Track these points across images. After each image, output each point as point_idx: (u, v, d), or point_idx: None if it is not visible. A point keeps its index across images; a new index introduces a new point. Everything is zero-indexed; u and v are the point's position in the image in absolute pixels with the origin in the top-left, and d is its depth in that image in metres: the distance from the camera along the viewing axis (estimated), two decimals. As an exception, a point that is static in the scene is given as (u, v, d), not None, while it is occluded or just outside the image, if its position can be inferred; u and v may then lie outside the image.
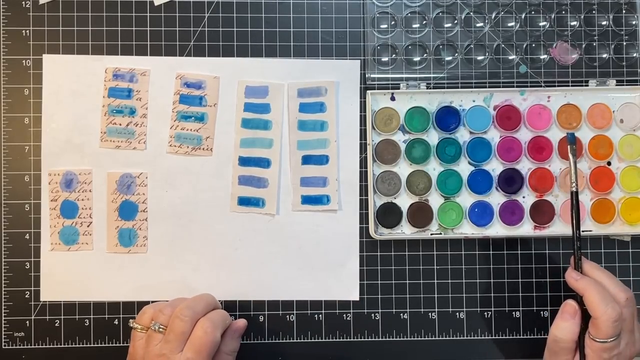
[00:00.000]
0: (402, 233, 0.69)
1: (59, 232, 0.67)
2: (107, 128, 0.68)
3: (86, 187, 0.68)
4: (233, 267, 0.68)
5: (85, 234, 0.68)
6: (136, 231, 0.68)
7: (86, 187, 0.68)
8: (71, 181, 0.67)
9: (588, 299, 0.59)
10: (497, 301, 0.69)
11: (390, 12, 0.69)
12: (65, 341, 0.68)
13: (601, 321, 0.58)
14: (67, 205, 0.68)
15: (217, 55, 0.69)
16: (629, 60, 0.70)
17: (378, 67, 0.69)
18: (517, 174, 0.69)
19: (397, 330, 0.69)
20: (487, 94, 0.69)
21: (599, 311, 0.58)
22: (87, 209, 0.68)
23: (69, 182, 0.67)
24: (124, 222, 0.68)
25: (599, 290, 0.59)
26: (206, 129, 0.68)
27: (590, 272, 0.62)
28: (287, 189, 0.69)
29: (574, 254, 0.62)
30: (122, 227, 0.68)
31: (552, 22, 0.70)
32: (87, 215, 0.68)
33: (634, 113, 0.69)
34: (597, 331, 0.58)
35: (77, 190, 0.68)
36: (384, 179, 0.69)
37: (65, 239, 0.67)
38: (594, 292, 0.59)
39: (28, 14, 0.69)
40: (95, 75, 0.68)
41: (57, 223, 0.67)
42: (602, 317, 0.57)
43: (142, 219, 0.68)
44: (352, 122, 0.69)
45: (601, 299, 0.58)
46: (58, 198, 0.68)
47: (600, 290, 0.59)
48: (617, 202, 0.69)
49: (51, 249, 0.67)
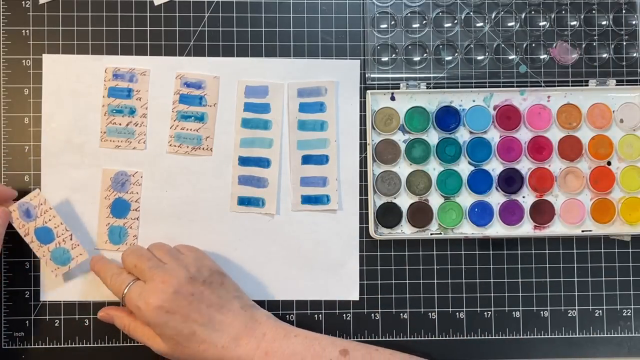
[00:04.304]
0: (402, 233, 0.69)
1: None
2: (107, 128, 0.68)
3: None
4: (233, 267, 0.68)
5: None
6: (127, 229, 0.68)
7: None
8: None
9: None
10: (497, 301, 0.69)
11: (390, 12, 0.69)
12: (65, 341, 0.67)
13: None
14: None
15: (217, 55, 0.69)
16: (629, 60, 0.70)
17: (378, 67, 0.69)
18: (517, 174, 0.69)
19: (397, 330, 0.69)
20: (487, 94, 0.69)
21: None
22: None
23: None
24: (115, 219, 0.68)
25: None
26: (206, 128, 0.68)
27: None
28: (287, 189, 0.69)
29: None
30: (112, 225, 0.68)
31: (552, 22, 0.70)
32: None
33: (634, 113, 0.69)
34: None
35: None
36: (384, 178, 0.69)
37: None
38: None
39: (28, 13, 0.68)
40: (95, 75, 0.68)
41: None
42: None
43: (133, 217, 0.68)
44: (352, 122, 0.69)
45: None
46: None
47: None
48: (617, 202, 0.69)
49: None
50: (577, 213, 0.69)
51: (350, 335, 0.68)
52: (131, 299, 0.60)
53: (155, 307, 0.59)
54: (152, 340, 0.61)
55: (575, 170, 0.69)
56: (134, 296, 0.60)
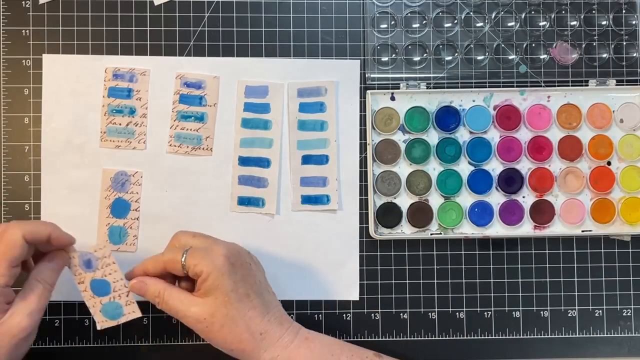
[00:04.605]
0: (402, 233, 0.69)
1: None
2: (107, 128, 0.68)
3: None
4: (233, 267, 0.68)
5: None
6: (127, 230, 0.68)
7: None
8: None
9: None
10: (497, 301, 0.69)
11: (390, 12, 0.69)
12: (65, 341, 0.67)
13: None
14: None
15: (217, 55, 0.69)
16: (629, 60, 0.70)
17: (378, 67, 0.69)
18: (517, 174, 0.69)
19: (397, 330, 0.69)
20: (487, 93, 0.69)
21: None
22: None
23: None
24: (115, 219, 0.68)
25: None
26: (206, 128, 0.68)
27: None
28: (287, 189, 0.69)
29: None
30: (112, 225, 0.68)
31: (552, 22, 0.70)
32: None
33: (634, 113, 0.69)
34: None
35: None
36: (384, 178, 0.69)
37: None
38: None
39: (28, 13, 0.68)
40: (95, 75, 0.68)
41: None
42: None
43: (133, 217, 0.68)
44: (352, 122, 0.69)
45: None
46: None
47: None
48: (617, 202, 0.69)
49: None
50: (577, 213, 0.69)
51: (350, 335, 0.68)
52: (196, 252, 0.58)
53: (223, 254, 0.58)
54: (189, 305, 0.58)
55: (575, 170, 0.69)
56: (199, 252, 0.58)
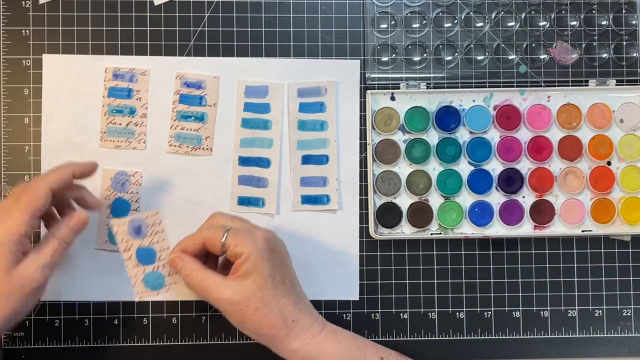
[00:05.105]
0: (402, 233, 0.69)
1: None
2: (107, 128, 0.68)
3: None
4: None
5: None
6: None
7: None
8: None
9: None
10: (497, 301, 0.69)
11: (390, 12, 0.69)
12: (65, 341, 0.67)
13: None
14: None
15: (217, 55, 0.69)
16: (629, 60, 0.70)
17: (378, 67, 0.69)
18: (517, 174, 0.69)
19: (397, 330, 0.69)
20: (487, 93, 0.69)
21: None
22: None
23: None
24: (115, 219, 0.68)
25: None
26: (206, 128, 0.68)
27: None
28: (287, 189, 0.69)
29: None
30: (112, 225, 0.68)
31: (552, 22, 0.70)
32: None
33: (634, 113, 0.69)
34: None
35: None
36: (384, 178, 0.69)
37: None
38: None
39: (28, 13, 0.68)
40: (95, 75, 0.68)
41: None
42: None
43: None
44: (352, 122, 0.69)
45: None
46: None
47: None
48: (617, 202, 0.69)
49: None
50: (577, 213, 0.69)
51: (350, 335, 0.68)
52: (238, 232, 0.59)
53: (265, 238, 0.59)
54: (224, 287, 0.58)
55: (575, 170, 0.69)
56: (241, 233, 0.59)
